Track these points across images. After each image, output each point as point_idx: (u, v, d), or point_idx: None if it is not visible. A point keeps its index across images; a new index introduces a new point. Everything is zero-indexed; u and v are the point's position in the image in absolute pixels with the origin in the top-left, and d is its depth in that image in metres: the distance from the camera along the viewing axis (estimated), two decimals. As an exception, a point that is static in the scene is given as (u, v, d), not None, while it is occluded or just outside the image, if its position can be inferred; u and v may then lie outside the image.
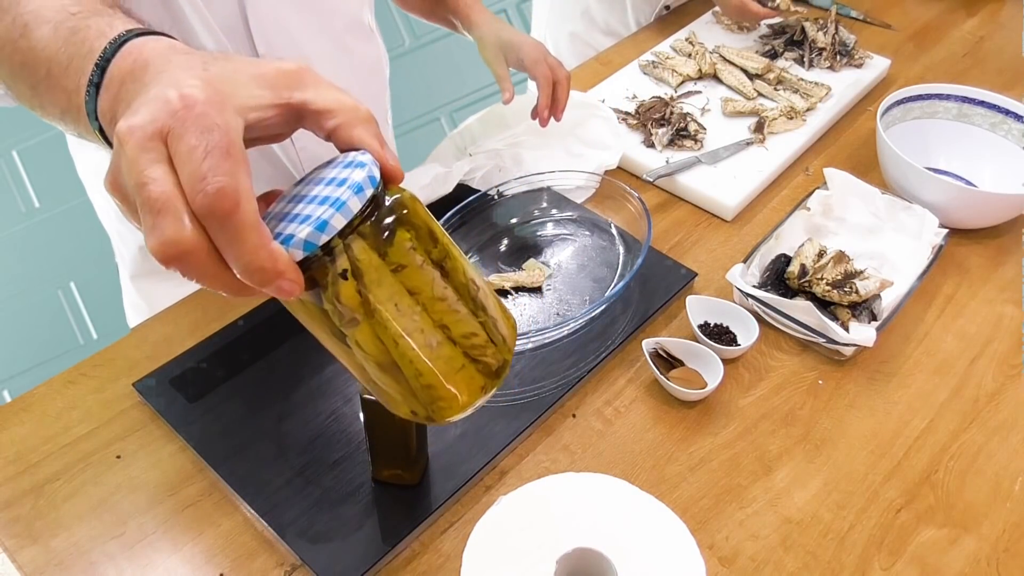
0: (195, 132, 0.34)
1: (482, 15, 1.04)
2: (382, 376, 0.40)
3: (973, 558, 0.70)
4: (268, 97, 0.38)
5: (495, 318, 0.42)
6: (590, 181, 1.02)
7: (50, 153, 2.19)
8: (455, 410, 0.42)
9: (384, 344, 0.38)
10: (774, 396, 0.82)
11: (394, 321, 0.38)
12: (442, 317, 0.39)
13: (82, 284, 2.14)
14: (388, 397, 0.41)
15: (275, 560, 0.69)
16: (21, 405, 0.80)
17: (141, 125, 0.34)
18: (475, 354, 0.41)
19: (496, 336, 0.42)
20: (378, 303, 0.37)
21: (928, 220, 0.93)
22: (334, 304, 0.37)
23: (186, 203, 0.34)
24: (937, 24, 1.40)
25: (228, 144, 0.34)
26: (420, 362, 0.39)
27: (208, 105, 0.34)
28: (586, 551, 0.58)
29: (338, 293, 0.37)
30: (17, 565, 0.68)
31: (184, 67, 0.37)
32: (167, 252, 0.34)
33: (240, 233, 0.34)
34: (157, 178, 0.34)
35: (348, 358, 0.40)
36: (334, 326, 0.38)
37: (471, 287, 0.41)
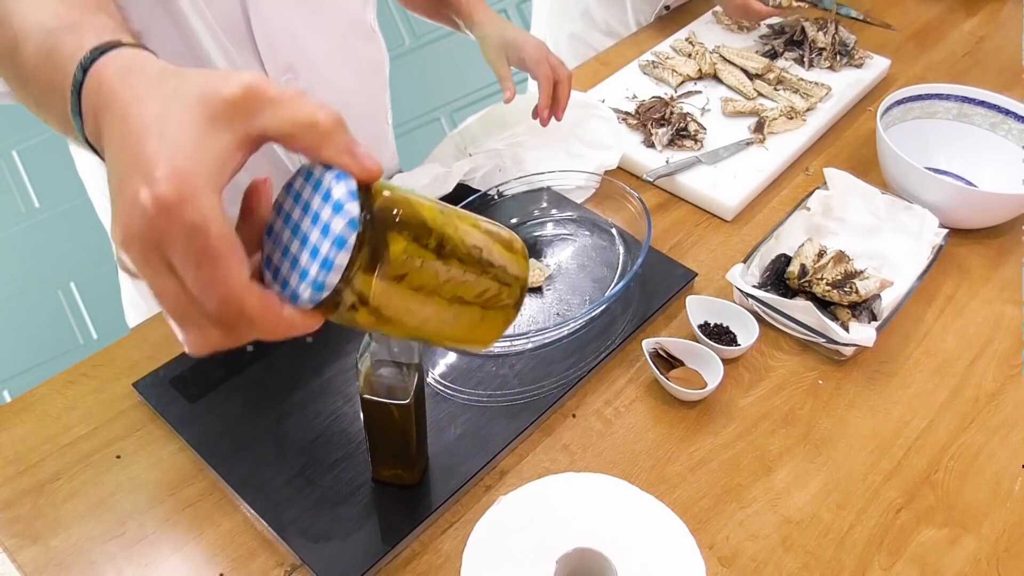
0: (181, 242, 0.34)
1: (484, 14, 1.04)
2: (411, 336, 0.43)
3: (973, 558, 0.70)
4: (229, 140, 0.36)
5: (503, 264, 0.44)
6: (590, 181, 1.02)
7: (50, 153, 2.20)
8: (485, 345, 0.46)
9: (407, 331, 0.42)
10: (774, 396, 0.82)
11: (409, 321, 0.41)
12: (453, 291, 0.41)
13: (82, 284, 2.14)
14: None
15: (275, 560, 0.69)
16: (21, 405, 0.80)
17: (132, 239, 0.35)
18: (491, 304, 0.44)
19: (507, 278, 0.44)
20: (390, 315, 0.40)
21: (928, 220, 0.93)
22: (353, 324, 0.40)
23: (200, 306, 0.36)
24: (937, 24, 1.40)
25: (214, 242, 0.34)
26: (442, 335, 0.44)
27: (182, 205, 0.34)
28: (586, 551, 0.58)
29: (354, 320, 0.39)
30: (17, 565, 0.68)
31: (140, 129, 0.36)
32: (200, 353, 0.37)
33: (254, 322, 0.37)
34: (167, 292, 0.35)
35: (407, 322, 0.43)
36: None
37: (473, 252, 0.42)
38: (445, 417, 0.77)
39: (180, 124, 0.35)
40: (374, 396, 0.64)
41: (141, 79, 0.38)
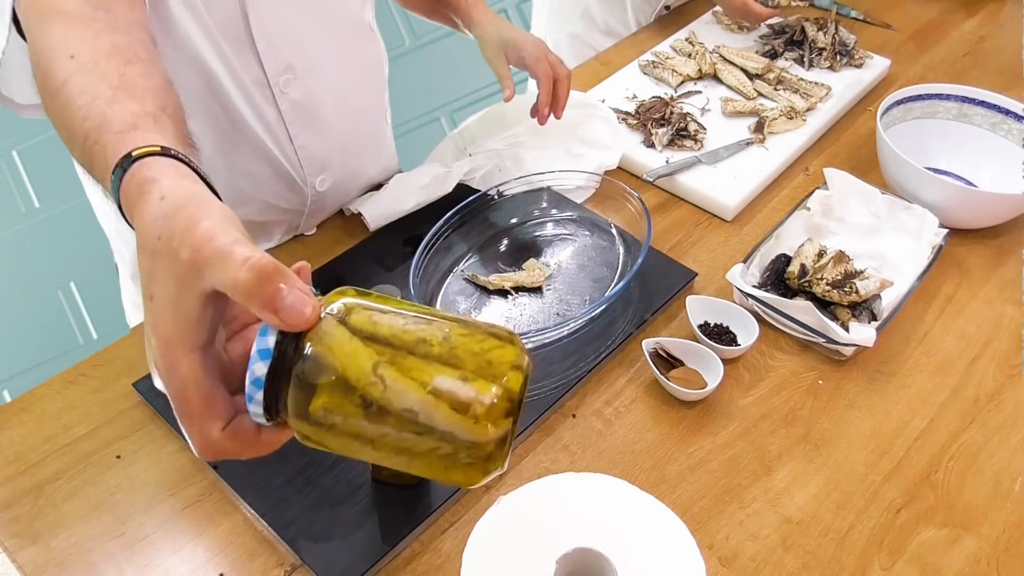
0: (172, 397, 0.42)
1: (483, 13, 1.04)
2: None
3: (973, 558, 0.70)
4: (194, 301, 0.40)
5: (449, 430, 0.38)
6: (590, 181, 1.02)
7: (50, 153, 2.19)
8: (476, 484, 0.41)
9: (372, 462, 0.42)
10: (774, 396, 0.82)
11: (360, 456, 0.41)
12: (396, 445, 0.39)
13: (82, 284, 2.14)
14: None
15: (275, 560, 0.69)
16: (21, 405, 0.80)
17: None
18: (449, 461, 0.39)
19: (461, 442, 0.38)
20: (338, 451, 0.41)
21: (928, 220, 0.93)
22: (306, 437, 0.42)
23: None
24: (937, 24, 1.40)
25: (189, 405, 0.42)
26: (409, 472, 0.41)
27: (168, 372, 0.41)
28: (586, 551, 0.58)
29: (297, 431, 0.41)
30: (17, 565, 0.68)
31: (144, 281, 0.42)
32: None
33: (238, 456, 0.44)
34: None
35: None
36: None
37: (407, 416, 0.38)
38: (445, 417, 0.77)
39: (161, 286, 0.40)
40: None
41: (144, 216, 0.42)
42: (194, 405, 0.41)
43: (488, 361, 0.39)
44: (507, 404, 0.38)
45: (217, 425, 0.42)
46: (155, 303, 0.41)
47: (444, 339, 0.39)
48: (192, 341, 0.40)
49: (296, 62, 0.87)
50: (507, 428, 0.39)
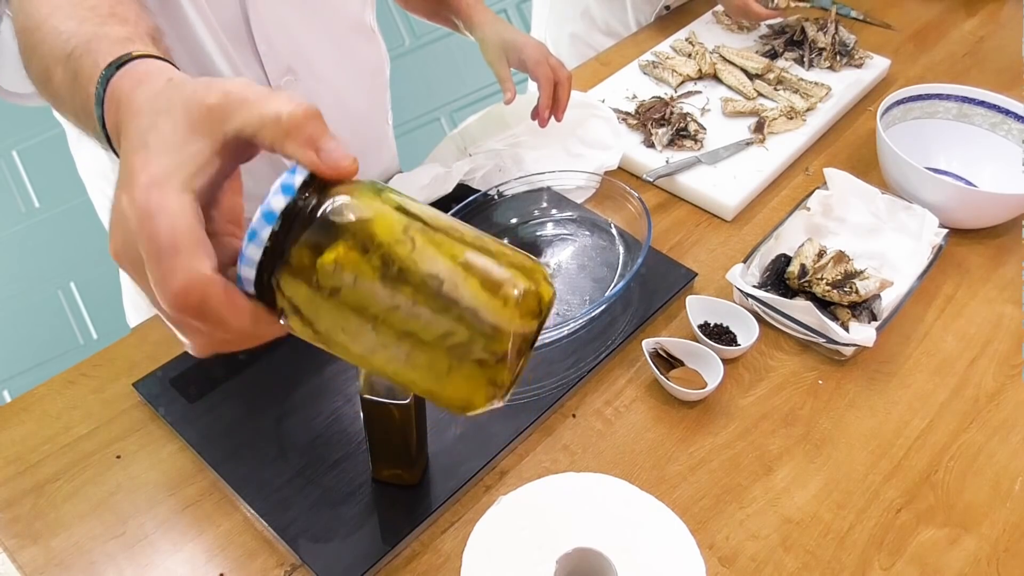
0: (146, 239, 0.35)
1: (484, 15, 1.04)
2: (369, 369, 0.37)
3: (973, 558, 0.70)
4: (205, 145, 0.36)
5: (473, 307, 0.35)
6: (590, 181, 1.02)
7: (50, 153, 2.19)
8: (472, 408, 0.37)
9: (357, 359, 0.36)
10: (774, 396, 0.82)
11: (350, 346, 0.36)
12: (403, 326, 0.35)
13: (82, 284, 2.14)
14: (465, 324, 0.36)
15: (275, 560, 0.69)
16: (21, 405, 0.80)
17: (118, 254, 0.37)
18: (459, 353, 0.35)
19: (482, 327, 0.35)
20: (328, 333, 0.36)
21: (928, 220, 0.93)
22: (300, 335, 0.37)
23: None
24: (937, 24, 1.40)
25: (176, 235, 0.34)
26: (400, 375, 0.36)
27: (149, 205, 0.35)
28: (586, 551, 0.58)
29: (294, 330, 0.37)
30: (17, 565, 0.68)
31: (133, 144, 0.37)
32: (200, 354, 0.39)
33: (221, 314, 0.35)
34: (150, 297, 0.37)
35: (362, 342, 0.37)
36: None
37: (430, 282, 0.34)
38: (445, 417, 0.77)
39: (162, 134, 0.36)
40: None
41: (143, 93, 0.39)
42: (182, 236, 0.34)
43: (522, 264, 0.36)
44: (536, 306, 0.36)
45: (207, 262, 0.35)
46: (149, 150, 0.36)
47: (477, 236, 0.36)
48: (190, 183, 0.35)
49: (296, 63, 0.87)
50: (532, 329, 0.36)
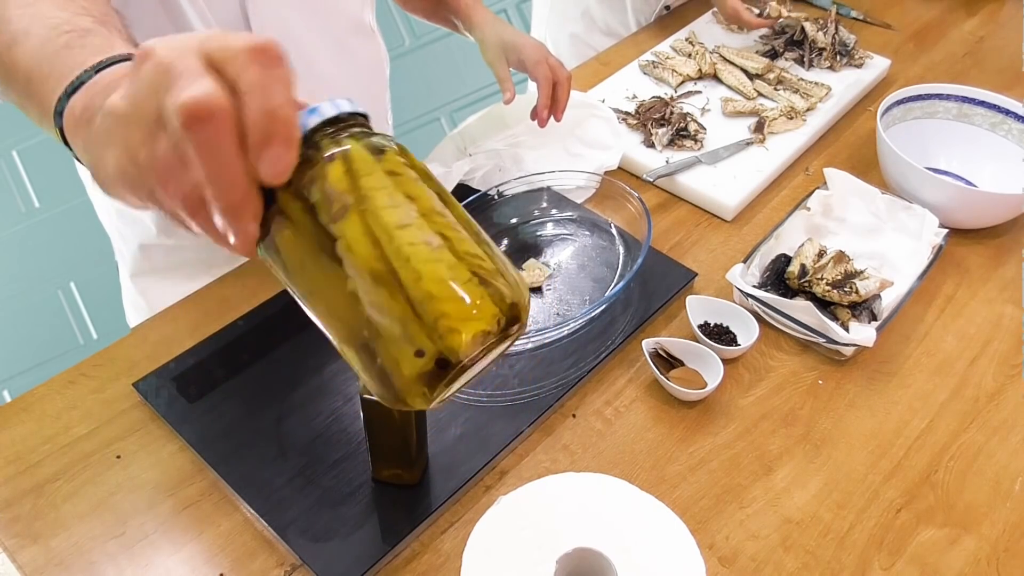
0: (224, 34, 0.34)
1: (483, 16, 1.04)
2: (377, 294, 0.34)
3: (973, 558, 0.70)
4: None
5: (504, 260, 0.37)
6: (590, 181, 1.02)
7: (50, 153, 2.19)
8: (467, 335, 0.34)
9: (379, 241, 0.34)
10: (774, 396, 0.82)
11: (387, 211, 0.34)
12: (442, 229, 0.35)
13: (82, 284, 2.14)
14: (387, 336, 0.34)
15: (275, 560, 0.69)
16: (21, 405, 0.80)
17: (179, 39, 0.34)
18: (483, 275, 0.35)
19: (507, 273, 0.36)
20: (370, 189, 0.35)
21: (928, 220, 0.93)
22: (323, 192, 0.34)
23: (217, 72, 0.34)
24: (937, 24, 1.40)
25: (275, 48, 0.35)
26: (418, 261, 0.34)
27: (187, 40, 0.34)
28: (586, 551, 0.58)
29: (327, 174, 0.35)
30: (17, 565, 0.68)
31: None
32: (196, 105, 0.32)
33: (277, 82, 0.34)
34: (191, 62, 0.33)
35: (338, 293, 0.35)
36: (323, 238, 0.34)
37: (473, 225, 0.37)
38: (445, 417, 0.77)
39: None
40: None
41: None
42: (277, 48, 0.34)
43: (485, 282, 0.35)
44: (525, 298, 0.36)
45: None
46: None
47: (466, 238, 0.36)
48: None
49: (296, 63, 0.86)
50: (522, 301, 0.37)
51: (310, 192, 0.35)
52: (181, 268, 1.01)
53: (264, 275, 0.92)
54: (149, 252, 1.00)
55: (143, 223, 0.96)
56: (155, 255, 1.00)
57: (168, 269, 1.01)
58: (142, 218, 0.96)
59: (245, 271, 0.94)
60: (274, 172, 0.34)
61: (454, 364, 0.34)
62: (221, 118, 0.32)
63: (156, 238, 0.97)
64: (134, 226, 0.98)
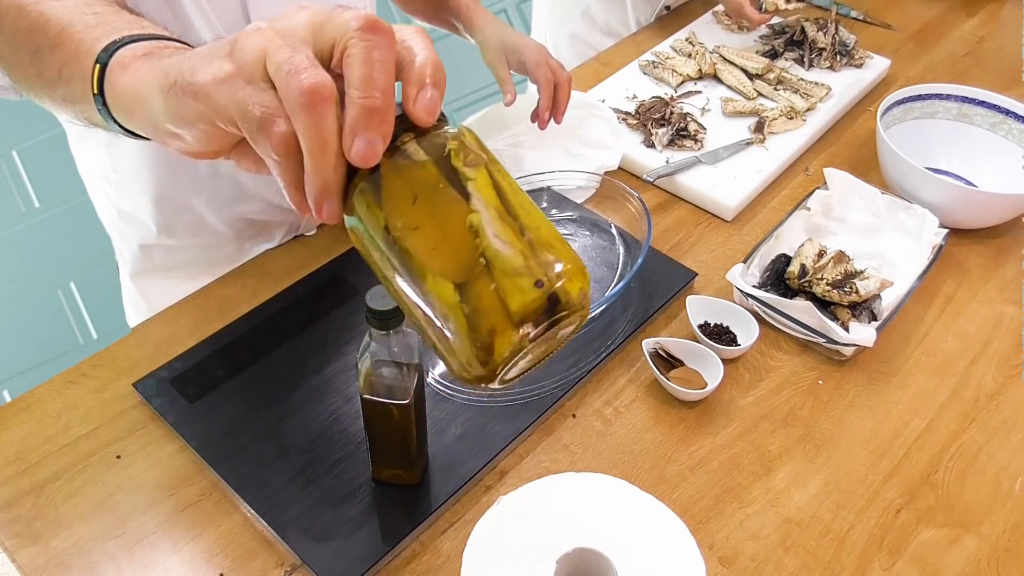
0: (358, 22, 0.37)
1: (484, 17, 1.03)
2: (504, 229, 0.37)
3: (973, 558, 0.70)
4: None
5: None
6: (590, 181, 1.02)
7: (50, 153, 2.19)
8: (576, 281, 0.38)
9: (503, 192, 0.38)
10: (774, 396, 0.82)
11: (506, 176, 0.39)
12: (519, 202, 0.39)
13: (82, 284, 2.14)
14: (509, 263, 0.37)
15: (275, 560, 0.69)
16: (21, 405, 0.80)
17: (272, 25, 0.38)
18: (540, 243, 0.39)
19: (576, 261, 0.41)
20: (492, 154, 0.39)
21: (928, 220, 0.93)
22: (460, 143, 0.39)
23: None
24: (937, 24, 1.40)
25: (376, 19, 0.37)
26: (537, 217, 0.38)
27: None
28: (586, 551, 0.58)
29: (463, 133, 0.39)
30: (17, 565, 0.68)
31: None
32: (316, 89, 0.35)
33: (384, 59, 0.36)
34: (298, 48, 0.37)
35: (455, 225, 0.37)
36: (451, 175, 0.38)
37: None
38: (445, 417, 0.77)
39: None
40: (374, 396, 0.64)
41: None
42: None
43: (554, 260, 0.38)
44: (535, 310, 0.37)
45: None
46: None
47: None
48: None
49: None
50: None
51: (446, 140, 0.38)
52: (182, 268, 1.01)
53: (264, 275, 0.92)
54: (149, 252, 1.00)
55: (144, 223, 0.96)
56: (155, 255, 1.00)
57: (168, 269, 1.01)
58: (142, 217, 0.96)
59: (245, 271, 0.94)
60: (427, 107, 0.38)
61: (562, 306, 0.37)
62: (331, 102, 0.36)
63: (156, 238, 0.97)
64: (135, 226, 0.98)
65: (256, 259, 0.96)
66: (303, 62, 0.36)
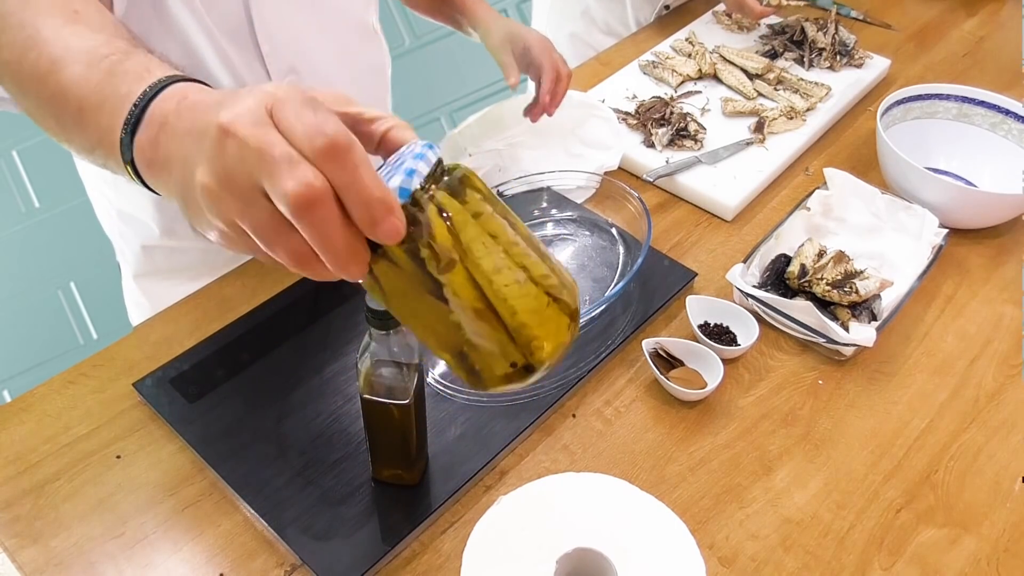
0: (299, 100, 0.38)
1: (487, 12, 1.04)
2: (479, 326, 0.42)
3: (973, 558, 0.70)
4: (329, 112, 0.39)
5: (559, 265, 0.45)
6: (590, 181, 1.02)
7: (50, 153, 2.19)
8: (550, 348, 0.44)
9: (479, 285, 0.41)
10: (774, 396, 0.82)
11: (484, 259, 0.41)
12: (520, 260, 0.43)
13: (82, 284, 2.14)
14: (486, 352, 0.43)
15: (275, 560, 0.69)
16: (21, 405, 0.80)
17: (247, 109, 0.37)
18: (554, 293, 0.44)
19: (565, 280, 0.45)
20: (469, 242, 0.41)
21: (928, 220, 0.93)
22: (431, 248, 0.40)
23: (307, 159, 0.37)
24: (937, 24, 1.40)
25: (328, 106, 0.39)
26: (513, 298, 0.42)
27: (297, 90, 0.38)
28: (586, 551, 0.58)
29: (433, 235, 0.40)
30: (17, 565, 0.68)
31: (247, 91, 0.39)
32: (304, 195, 0.36)
33: (359, 169, 0.37)
34: (277, 141, 0.36)
35: (441, 320, 0.42)
36: (429, 283, 0.41)
37: (533, 240, 0.44)
38: (445, 417, 0.77)
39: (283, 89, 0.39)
40: (374, 396, 0.64)
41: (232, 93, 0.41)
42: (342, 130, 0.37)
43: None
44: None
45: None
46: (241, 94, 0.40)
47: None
48: None
49: (299, 64, 0.87)
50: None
51: (418, 248, 0.40)
52: (184, 270, 1.00)
53: (264, 275, 0.92)
54: (151, 253, 1.00)
55: (145, 224, 0.96)
56: (157, 256, 1.00)
57: (170, 270, 1.01)
58: (143, 219, 0.96)
59: (245, 271, 0.94)
60: (389, 240, 0.38)
61: (537, 367, 0.44)
62: (326, 202, 0.36)
63: (158, 239, 0.97)
64: (136, 227, 0.98)
65: (256, 259, 0.95)
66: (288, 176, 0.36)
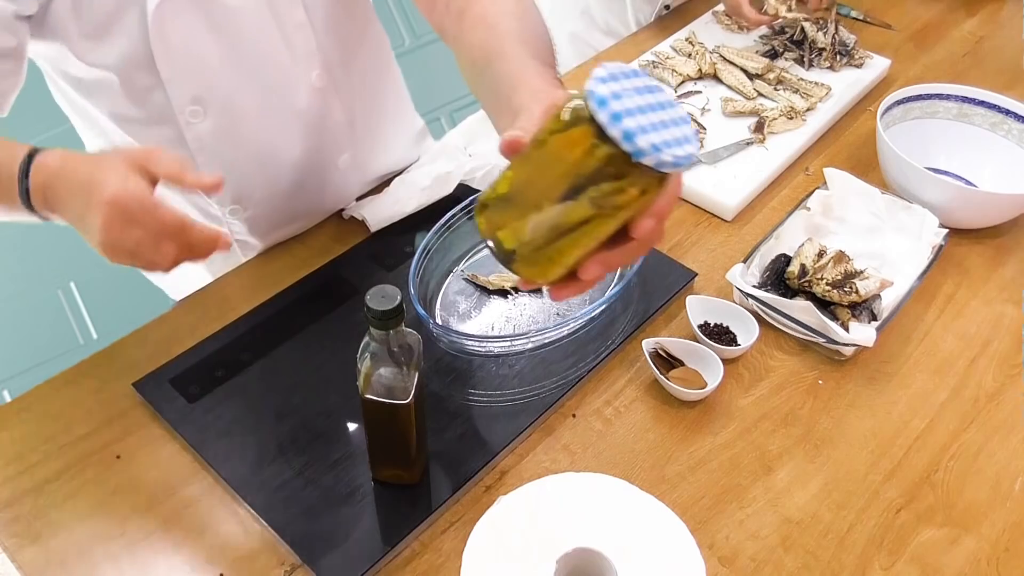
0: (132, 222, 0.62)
1: None
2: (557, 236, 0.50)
3: (973, 558, 0.70)
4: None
5: None
6: (590, 181, 1.02)
7: (50, 153, 2.19)
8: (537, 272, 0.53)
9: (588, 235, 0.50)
10: (774, 396, 0.82)
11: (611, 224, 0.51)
12: None
13: (82, 284, 2.14)
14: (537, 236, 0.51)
15: (275, 560, 0.69)
16: (21, 405, 0.80)
17: (117, 241, 0.63)
18: None
19: None
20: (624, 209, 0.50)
21: (928, 220, 0.93)
22: (619, 193, 0.49)
23: None
24: (937, 24, 1.40)
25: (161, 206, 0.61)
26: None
27: (125, 195, 0.61)
28: (586, 551, 0.58)
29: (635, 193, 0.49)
30: (17, 565, 0.68)
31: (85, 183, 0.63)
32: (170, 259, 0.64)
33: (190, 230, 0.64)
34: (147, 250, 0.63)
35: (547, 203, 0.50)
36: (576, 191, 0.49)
37: None
38: (445, 417, 0.77)
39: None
40: (374, 396, 0.64)
41: (75, 159, 0.65)
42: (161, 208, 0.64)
43: None
44: None
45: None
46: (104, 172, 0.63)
47: None
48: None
49: (206, 95, 0.84)
50: None
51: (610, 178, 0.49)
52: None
53: (264, 275, 0.92)
54: None
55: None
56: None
57: None
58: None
59: (246, 271, 0.94)
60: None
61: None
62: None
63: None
64: None
65: (256, 259, 0.96)
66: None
